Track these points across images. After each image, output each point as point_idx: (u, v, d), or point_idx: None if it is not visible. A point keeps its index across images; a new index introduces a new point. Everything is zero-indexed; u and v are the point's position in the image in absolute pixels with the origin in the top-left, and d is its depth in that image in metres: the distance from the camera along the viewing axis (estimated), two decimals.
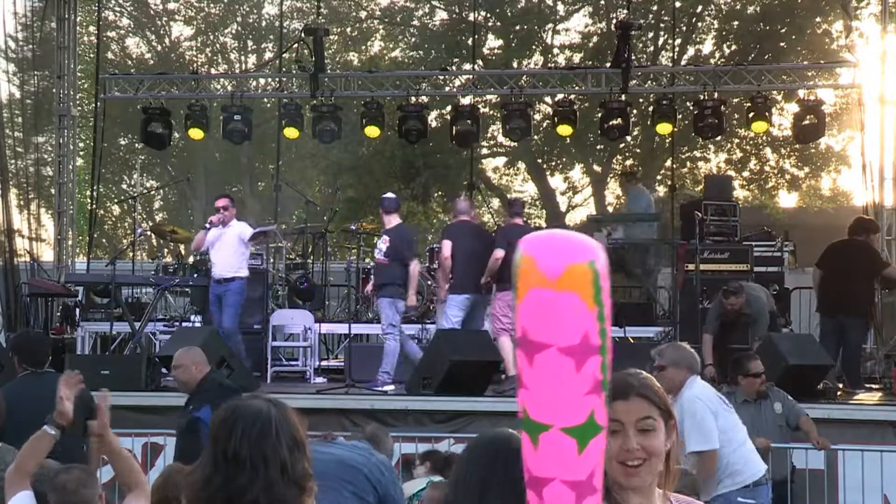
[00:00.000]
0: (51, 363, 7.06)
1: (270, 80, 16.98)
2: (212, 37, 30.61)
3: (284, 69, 16.10)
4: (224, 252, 10.61)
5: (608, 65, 14.92)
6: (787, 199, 25.61)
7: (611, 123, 14.04)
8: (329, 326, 12.75)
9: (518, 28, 23.93)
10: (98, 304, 13.16)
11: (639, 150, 24.51)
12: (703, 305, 11.28)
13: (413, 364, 10.37)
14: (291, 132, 14.48)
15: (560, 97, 15.24)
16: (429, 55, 23.47)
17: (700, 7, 23.34)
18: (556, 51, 24.28)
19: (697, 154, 24.39)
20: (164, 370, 10.09)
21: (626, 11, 16.26)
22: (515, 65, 22.67)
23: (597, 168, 25.33)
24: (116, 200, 29.30)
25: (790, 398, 7.86)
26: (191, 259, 13.76)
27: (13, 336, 9.74)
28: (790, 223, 19.38)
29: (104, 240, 28.94)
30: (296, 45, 16.22)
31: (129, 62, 29.38)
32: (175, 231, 14.79)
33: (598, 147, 23.85)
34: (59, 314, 13.57)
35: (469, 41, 21.42)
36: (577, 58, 22.91)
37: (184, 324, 12.41)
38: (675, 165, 22.02)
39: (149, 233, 16.82)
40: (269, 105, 24.45)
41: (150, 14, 30.34)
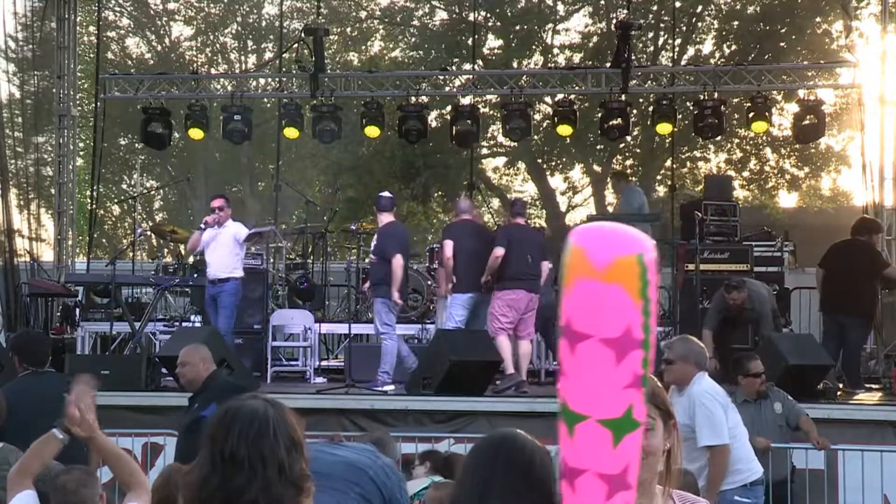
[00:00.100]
0: (51, 363, 7.07)
1: (270, 80, 16.99)
2: (212, 37, 30.61)
3: (284, 69, 16.10)
4: (219, 252, 10.59)
5: (608, 65, 14.92)
6: (787, 199, 25.63)
7: (611, 123, 14.04)
8: (329, 326, 12.76)
9: (518, 28, 23.91)
10: (98, 304, 13.15)
11: (639, 150, 24.50)
12: (703, 305, 11.28)
13: (402, 365, 10.38)
14: (291, 132, 14.49)
15: (560, 97, 15.24)
16: (429, 55, 23.45)
17: (700, 7, 23.32)
18: (556, 51, 24.26)
19: (697, 154, 24.37)
20: (164, 370, 10.10)
21: (626, 11, 16.27)
22: (515, 65, 22.65)
23: (597, 168, 25.30)
24: (116, 200, 29.29)
25: (790, 398, 7.87)
26: (191, 259, 13.75)
27: (13, 336, 9.72)
28: (790, 223, 19.39)
29: (104, 240, 28.94)
30: (296, 45, 16.22)
31: (129, 62, 29.38)
32: (175, 231, 14.80)
33: (598, 147, 23.82)
34: (59, 314, 13.56)
35: (469, 41, 21.40)
36: (577, 58, 22.89)
37: (184, 324, 12.40)
38: (675, 165, 22.01)
39: (149, 233, 16.82)
40: (269, 105, 24.46)
41: (150, 14, 30.34)
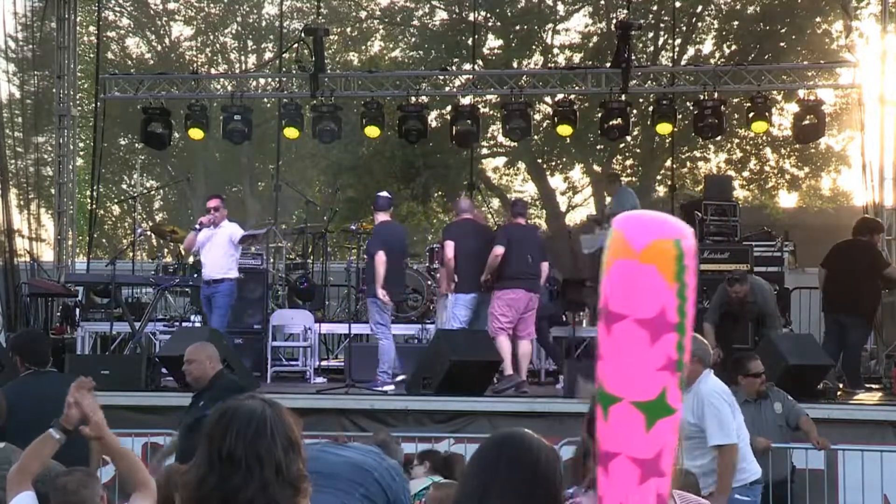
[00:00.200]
0: (51, 363, 7.05)
1: (270, 80, 17.00)
2: (212, 37, 30.60)
3: (284, 69, 16.11)
4: (214, 253, 10.56)
5: (608, 65, 14.92)
6: (787, 199, 25.62)
7: (611, 123, 14.04)
8: (329, 326, 12.76)
9: (518, 28, 23.90)
10: (98, 304, 13.15)
11: (639, 150, 24.50)
12: (703, 305, 11.28)
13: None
14: (291, 132, 14.49)
15: (560, 97, 15.24)
16: (429, 55, 23.44)
17: (700, 7, 23.32)
18: (556, 51, 24.25)
19: (697, 154, 24.36)
20: (164, 370, 10.11)
21: (626, 11, 16.28)
22: (515, 65, 22.65)
23: (597, 168, 25.29)
24: (116, 200, 29.30)
25: (790, 398, 7.87)
26: (191, 259, 13.74)
27: (14, 335, 9.70)
28: (790, 223, 19.38)
29: (104, 240, 28.93)
30: (296, 45, 16.22)
31: (129, 62, 29.37)
32: (175, 231, 14.79)
33: (598, 147, 23.82)
34: (59, 314, 13.56)
35: (469, 41, 21.41)
36: (577, 58, 22.89)
37: (184, 324, 12.40)
38: (675, 165, 22.02)
39: (149, 233, 16.82)
40: (269, 105, 24.45)
41: (150, 14, 30.33)
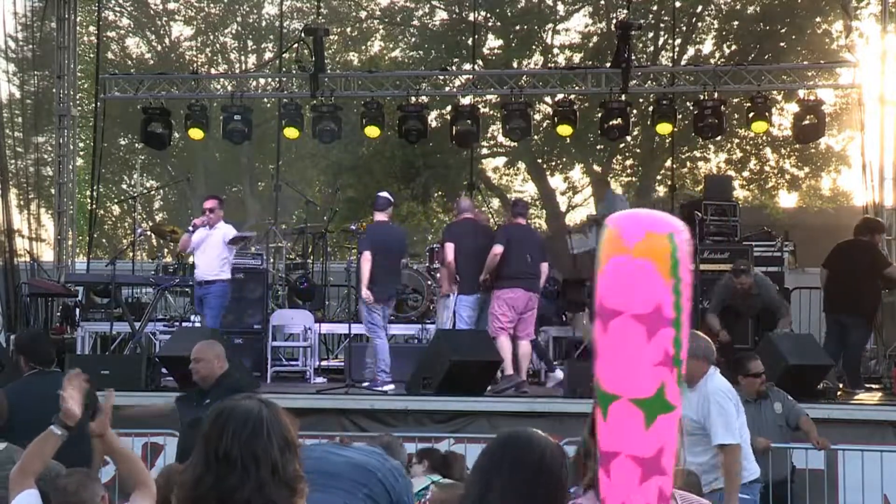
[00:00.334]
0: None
1: (270, 80, 17.00)
2: (212, 37, 30.60)
3: (284, 69, 16.10)
4: (208, 254, 10.57)
5: (608, 65, 14.92)
6: (787, 199, 25.62)
7: (611, 123, 14.04)
8: (329, 326, 12.75)
9: (518, 28, 23.90)
10: (98, 304, 13.14)
11: (639, 150, 24.50)
12: (703, 305, 11.28)
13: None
14: (291, 132, 14.49)
15: (560, 97, 15.23)
16: (429, 55, 23.44)
17: (700, 7, 23.31)
18: (556, 51, 24.25)
19: (697, 154, 24.36)
20: (164, 370, 10.11)
21: (626, 11, 16.27)
22: (515, 65, 22.64)
23: (597, 168, 25.29)
24: (116, 200, 29.29)
25: (790, 398, 7.87)
26: (191, 259, 13.73)
27: (19, 335, 9.69)
28: (790, 223, 19.37)
29: (104, 240, 28.93)
30: (296, 45, 16.22)
31: (129, 62, 29.37)
32: (175, 231, 14.77)
33: (598, 147, 23.81)
34: (59, 314, 13.56)
35: (469, 41, 21.41)
36: (577, 58, 22.89)
37: (184, 324, 12.40)
38: (675, 165, 22.01)
39: (149, 233, 16.80)
40: (269, 105, 24.45)
41: (150, 14, 30.33)
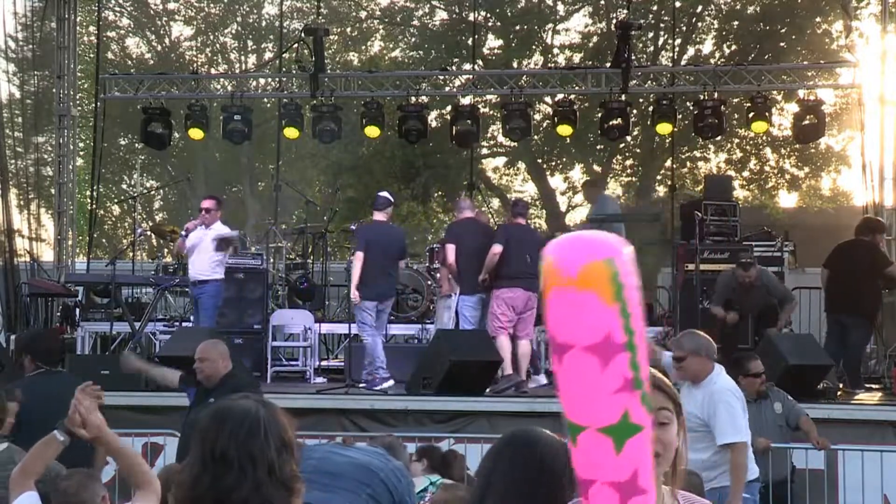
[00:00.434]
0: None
1: (270, 80, 16.99)
2: (212, 37, 30.59)
3: (284, 69, 16.10)
4: (202, 255, 10.54)
5: (608, 65, 14.91)
6: (787, 199, 25.63)
7: (611, 123, 14.04)
8: (329, 326, 12.75)
9: (518, 28, 23.91)
10: (98, 304, 13.14)
11: (639, 150, 24.49)
12: (703, 305, 11.29)
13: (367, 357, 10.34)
14: (291, 132, 14.49)
15: (560, 97, 15.23)
16: (429, 55, 23.44)
17: (700, 7, 23.31)
18: (556, 51, 24.25)
19: (697, 154, 24.36)
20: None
21: (626, 11, 16.25)
22: (515, 65, 22.65)
23: (597, 168, 25.28)
24: (116, 200, 29.28)
25: (790, 398, 7.87)
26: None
27: (24, 334, 9.67)
28: (790, 223, 19.38)
29: (104, 240, 28.93)
30: (296, 45, 16.22)
31: (129, 62, 29.36)
32: (175, 231, 14.75)
33: (598, 147, 23.82)
34: (59, 314, 13.55)
35: (469, 41, 21.40)
36: (577, 58, 22.89)
37: (184, 324, 12.40)
38: (675, 165, 22.00)
39: (149, 233, 16.80)
40: (269, 105, 24.45)
41: (150, 14, 30.32)
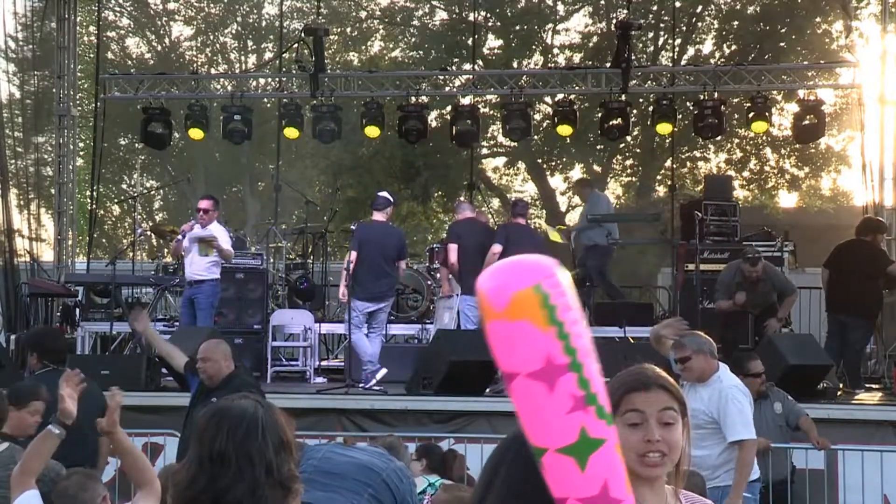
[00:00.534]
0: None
1: (270, 80, 16.95)
2: (212, 37, 30.58)
3: (284, 69, 16.09)
4: (198, 255, 10.57)
5: (608, 65, 14.93)
6: (787, 199, 25.64)
7: (611, 123, 14.05)
8: (329, 326, 12.74)
9: (518, 28, 23.91)
10: (98, 304, 13.14)
11: (639, 150, 24.51)
12: (704, 305, 11.29)
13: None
14: (291, 132, 14.49)
15: (560, 97, 15.25)
16: (429, 55, 23.45)
17: (700, 7, 23.33)
18: (556, 51, 24.28)
19: (697, 154, 24.37)
20: (164, 370, 10.09)
21: (626, 11, 16.26)
22: (515, 65, 22.65)
23: (597, 168, 25.30)
24: (116, 200, 29.27)
25: (790, 398, 7.87)
26: None
27: (30, 331, 9.66)
28: (790, 223, 19.37)
29: (104, 240, 28.91)
30: (296, 45, 16.21)
31: (129, 62, 29.35)
32: (175, 231, 14.73)
33: (598, 147, 23.82)
34: (59, 314, 13.55)
35: (469, 41, 21.41)
36: (577, 58, 22.91)
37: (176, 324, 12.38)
38: (675, 165, 22.01)
39: (149, 233, 16.80)
40: (269, 105, 24.43)
41: (150, 14, 30.31)
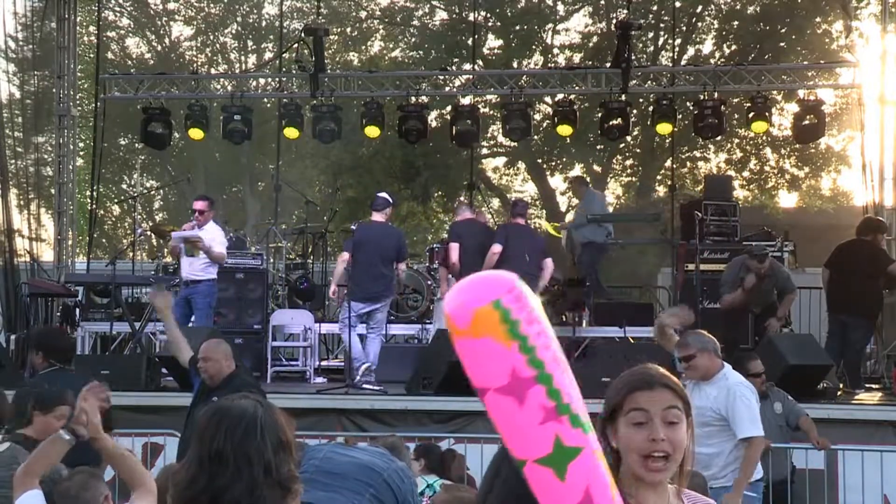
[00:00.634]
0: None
1: (270, 80, 16.95)
2: (212, 37, 30.57)
3: (284, 69, 16.08)
4: (185, 255, 10.55)
5: (608, 65, 14.92)
6: (787, 199, 25.65)
7: (611, 123, 14.04)
8: (329, 326, 12.73)
9: (518, 28, 23.92)
10: (98, 304, 13.14)
11: (639, 150, 24.52)
12: (704, 305, 11.29)
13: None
14: (291, 132, 14.49)
15: (560, 97, 15.24)
16: (429, 55, 23.46)
17: (700, 7, 23.34)
18: (556, 51, 24.30)
19: (697, 154, 24.38)
20: (164, 370, 10.11)
21: (626, 11, 16.26)
22: (515, 65, 22.66)
23: (597, 168, 25.31)
24: (116, 200, 29.27)
25: (790, 398, 7.88)
26: None
27: (36, 330, 9.65)
28: (790, 223, 19.38)
29: (104, 240, 28.90)
30: (296, 45, 16.21)
31: (129, 62, 29.34)
32: (175, 231, 14.77)
33: (598, 147, 23.83)
34: (59, 314, 13.55)
35: (469, 41, 21.42)
36: (577, 58, 22.92)
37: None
38: (675, 165, 22.01)
39: (149, 233, 16.80)
40: (269, 105, 24.42)
41: (150, 14, 30.31)
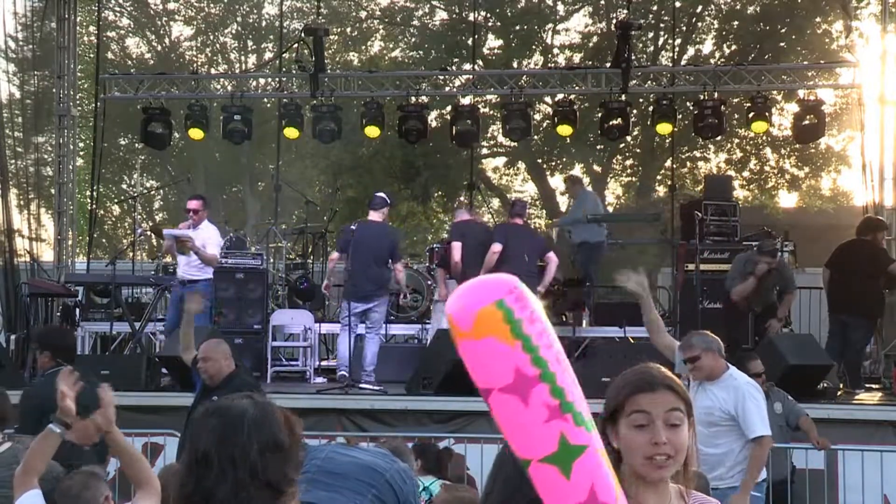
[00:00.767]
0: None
1: (270, 80, 16.94)
2: (212, 37, 30.57)
3: (284, 69, 16.08)
4: (177, 253, 10.55)
5: (608, 65, 14.92)
6: (787, 199, 25.65)
7: (611, 123, 14.04)
8: (329, 326, 12.73)
9: (518, 28, 23.92)
10: (98, 304, 13.14)
11: (639, 150, 24.52)
12: (704, 305, 11.29)
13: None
14: (291, 132, 14.49)
15: (560, 97, 15.25)
16: (429, 55, 23.46)
17: (700, 7, 23.34)
18: (556, 51, 24.29)
19: (697, 154, 24.38)
20: (164, 370, 10.11)
21: (626, 11, 16.26)
22: (515, 65, 22.66)
23: (597, 168, 25.31)
24: (116, 200, 29.27)
25: (790, 398, 7.88)
26: None
27: (41, 331, 9.63)
28: (790, 223, 19.38)
29: (104, 240, 28.90)
30: (296, 45, 16.21)
31: (129, 62, 29.34)
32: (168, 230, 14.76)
33: (598, 147, 23.83)
34: (59, 314, 13.54)
35: (469, 41, 21.42)
36: (577, 58, 22.92)
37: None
38: (675, 165, 22.02)
39: (149, 233, 16.79)
40: (269, 105, 24.42)
41: (150, 14, 30.30)
